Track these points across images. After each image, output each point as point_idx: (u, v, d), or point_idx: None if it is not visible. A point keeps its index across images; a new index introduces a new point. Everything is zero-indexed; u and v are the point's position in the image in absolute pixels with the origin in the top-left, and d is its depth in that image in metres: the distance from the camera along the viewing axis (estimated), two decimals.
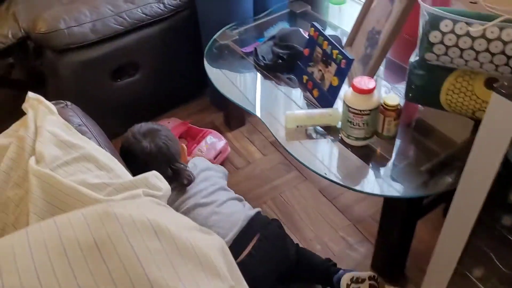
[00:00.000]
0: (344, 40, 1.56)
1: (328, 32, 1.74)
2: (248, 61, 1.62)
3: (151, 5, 1.76)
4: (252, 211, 1.32)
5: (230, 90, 1.52)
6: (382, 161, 1.22)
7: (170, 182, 1.31)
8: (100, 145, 1.10)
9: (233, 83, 1.54)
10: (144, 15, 1.74)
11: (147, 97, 1.99)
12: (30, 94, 1.17)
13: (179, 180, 1.34)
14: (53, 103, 1.20)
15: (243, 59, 1.64)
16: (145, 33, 1.79)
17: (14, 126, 1.15)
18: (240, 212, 1.30)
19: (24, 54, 1.90)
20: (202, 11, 1.81)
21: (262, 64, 1.55)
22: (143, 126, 1.41)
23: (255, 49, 1.60)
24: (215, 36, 1.75)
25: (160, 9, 1.77)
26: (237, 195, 1.41)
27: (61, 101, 1.22)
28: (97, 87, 1.79)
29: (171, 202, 1.07)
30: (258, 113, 1.41)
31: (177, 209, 1.26)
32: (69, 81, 1.73)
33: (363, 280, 1.28)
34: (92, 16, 1.67)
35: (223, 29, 1.77)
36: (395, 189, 1.14)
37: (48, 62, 1.70)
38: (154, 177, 1.03)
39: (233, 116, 2.03)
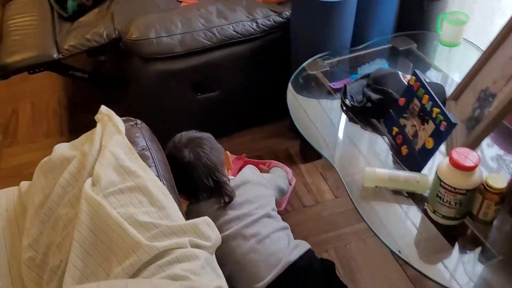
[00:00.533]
0: (449, 91, 1.36)
1: (432, 75, 1.55)
2: (335, 98, 1.49)
3: (243, 23, 1.69)
4: (295, 253, 1.21)
5: (307, 125, 1.40)
6: (471, 248, 1.03)
7: (211, 195, 1.26)
8: (159, 176, 1.04)
9: (311, 120, 1.42)
10: (234, 33, 1.68)
11: (225, 113, 1.93)
12: (103, 108, 1.15)
13: (220, 195, 1.26)
14: (123, 119, 1.17)
15: (329, 95, 1.51)
16: (232, 51, 1.73)
17: (82, 137, 1.14)
18: (281, 252, 1.19)
19: (115, 54, 1.93)
20: (296, 35, 1.71)
21: (350, 105, 1.41)
22: (185, 135, 1.34)
23: (345, 86, 1.46)
24: (304, 64, 1.64)
25: (252, 28, 1.70)
26: (283, 223, 1.30)
27: (132, 118, 1.19)
28: (177, 98, 1.77)
29: (213, 218, 1.02)
30: (333, 158, 1.28)
31: (220, 230, 1.15)
32: (151, 88, 1.72)
33: None
34: (183, 28, 1.64)
35: (315, 57, 1.66)
36: None
37: (134, 67, 1.71)
38: (205, 224, 0.95)
39: (309, 147, 1.90)
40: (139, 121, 1.19)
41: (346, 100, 1.43)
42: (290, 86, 1.56)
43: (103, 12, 1.94)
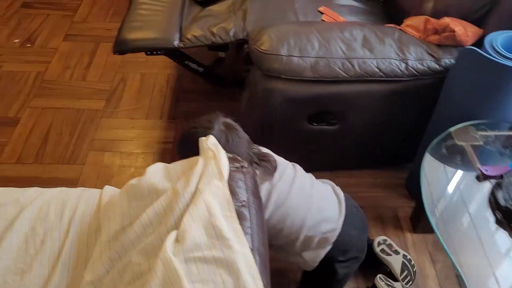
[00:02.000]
0: None
1: None
2: (481, 187, 1.20)
3: (390, 61, 1.44)
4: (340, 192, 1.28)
5: (435, 199, 1.15)
6: None
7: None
8: (253, 249, 0.87)
9: (444, 197, 1.16)
10: (377, 70, 1.43)
11: (337, 148, 1.72)
12: (211, 140, 0.99)
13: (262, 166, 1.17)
14: (229, 157, 1.00)
15: (474, 182, 1.22)
16: (368, 88, 1.49)
17: (178, 167, 0.99)
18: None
19: (236, 55, 1.79)
20: (451, 90, 1.42)
21: (504, 205, 1.12)
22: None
23: (502, 177, 1.17)
24: (451, 129, 1.36)
25: (400, 70, 1.44)
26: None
27: (239, 158, 1.02)
28: (289, 122, 1.58)
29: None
30: (458, 261, 1.02)
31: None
32: (264, 105, 1.55)
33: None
34: (319, 51, 1.43)
35: (467, 123, 1.37)
36: None
37: (254, 78, 1.54)
38: None
39: (424, 217, 1.63)
40: (245, 165, 1.02)
41: (499, 194, 1.15)
42: (427, 152, 1.30)
43: (236, 6, 1.79)
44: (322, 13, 1.75)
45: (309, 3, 1.78)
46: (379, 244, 1.51)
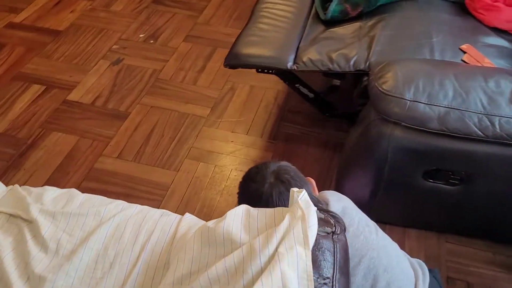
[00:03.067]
0: None
1: None
2: None
3: None
4: None
5: None
6: None
7: None
8: None
9: None
10: None
11: (453, 211, 1.49)
12: (303, 199, 0.87)
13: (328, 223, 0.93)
14: (320, 218, 0.87)
15: None
16: (505, 151, 1.25)
17: (266, 217, 0.88)
18: None
19: (353, 85, 1.64)
20: None
21: None
22: (265, 167, 1.08)
23: None
24: None
25: None
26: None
27: (331, 220, 0.88)
28: (398, 171, 1.40)
29: None
30: None
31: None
32: (372, 149, 1.38)
33: None
34: (452, 101, 1.23)
35: None
36: None
37: (367, 116, 1.38)
38: None
39: None
40: (338, 230, 0.88)
41: None
42: None
43: (364, 31, 1.64)
44: (464, 52, 1.52)
45: (450, 38, 1.56)
46: None
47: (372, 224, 1.10)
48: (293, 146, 1.93)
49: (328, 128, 1.97)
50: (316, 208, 0.89)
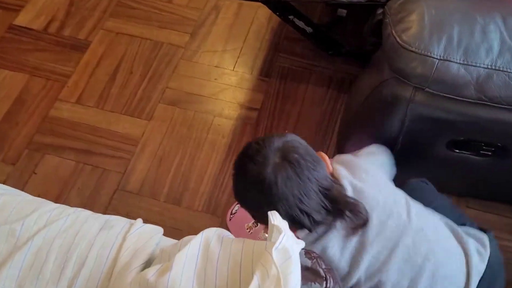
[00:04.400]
0: None
1: None
2: None
3: None
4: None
5: None
6: None
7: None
8: None
9: None
10: None
11: (479, 179, 1.26)
12: (280, 249, 0.62)
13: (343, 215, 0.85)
14: (307, 267, 0.64)
15: None
16: None
17: (228, 271, 0.65)
18: None
19: (361, 18, 1.29)
20: None
21: None
22: (268, 144, 0.88)
23: None
24: None
25: None
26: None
27: (321, 273, 0.65)
28: (416, 140, 1.13)
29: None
30: None
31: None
32: (384, 113, 1.10)
33: None
34: (498, 60, 0.92)
35: None
36: None
37: (378, 63, 1.08)
38: None
39: None
40: (331, 283, 0.64)
41: None
42: None
43: None
44: None
45: None
46: None
47: (401, 198, 0.92)
48: (290, 85, 1.64)
49: (334, 60, 1.64)
50: (301, 248, 0.65)
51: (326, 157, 0.93)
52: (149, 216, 1.38)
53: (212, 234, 0.71)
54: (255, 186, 0.85)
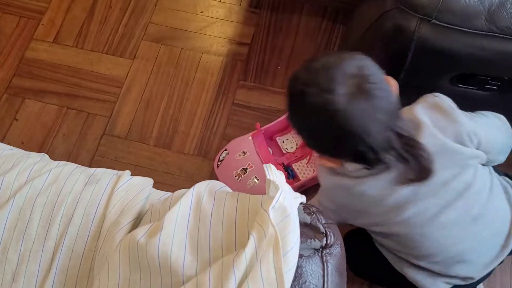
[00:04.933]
0: None
1: None
2: None
3: None
4: None
5: None
6: None
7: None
8: None
9: None
10: None
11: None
12: (277, 208, 0.58)
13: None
14: (305, 223, 0.60)
15: None
16: None
17: (223, 231, 0.61)
18: None
19: None
20: None
21: None
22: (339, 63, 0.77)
23: None
24: None
25: None
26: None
27: (321, 229, 0.61)
28: (418, 73, 1.07)
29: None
30: None
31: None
32: (386, 44, 1.03)
33: None
34: None
35: None
36: None
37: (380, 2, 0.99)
38: None
39: None
40: (331, 239, 0.61)
41: None
42: None
43: None
44: None
45: None
46: None
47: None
48: (282, 17, 1.54)
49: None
50: (300, 203, 0.62)
51: (394, 82, 0.83)
52: (139, 162, 1.34)
53: (203, 189, 0.67)
54: (321, 116, 0.73)
